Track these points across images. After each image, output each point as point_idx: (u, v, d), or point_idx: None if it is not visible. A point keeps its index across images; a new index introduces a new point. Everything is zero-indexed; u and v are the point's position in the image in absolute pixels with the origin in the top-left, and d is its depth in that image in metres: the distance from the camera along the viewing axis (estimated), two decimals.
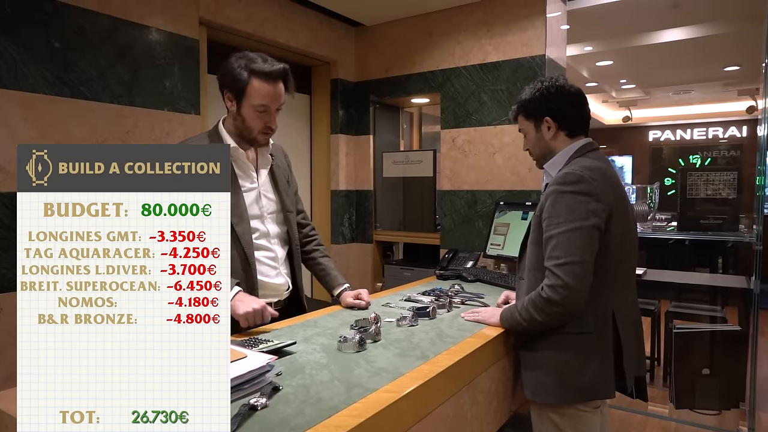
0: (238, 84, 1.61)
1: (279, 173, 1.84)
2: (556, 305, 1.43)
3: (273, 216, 1.80)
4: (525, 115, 1.68)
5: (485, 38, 3.27)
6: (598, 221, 1.45)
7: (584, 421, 1.53)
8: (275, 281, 1.78)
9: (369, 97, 3.87)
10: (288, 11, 3.28)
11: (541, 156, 1.69)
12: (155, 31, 2.51)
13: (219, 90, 1.68)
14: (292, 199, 1.89)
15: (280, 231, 1.82)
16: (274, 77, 1.62)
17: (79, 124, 2.22)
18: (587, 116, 1.67)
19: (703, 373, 2.89)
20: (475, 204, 3.34)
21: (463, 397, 1.41)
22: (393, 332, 1.61)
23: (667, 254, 4.96)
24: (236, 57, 1.64)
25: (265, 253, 1.75)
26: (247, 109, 1.63)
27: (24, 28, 2.05)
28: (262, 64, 1.61)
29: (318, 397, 1.10)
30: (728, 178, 2.91)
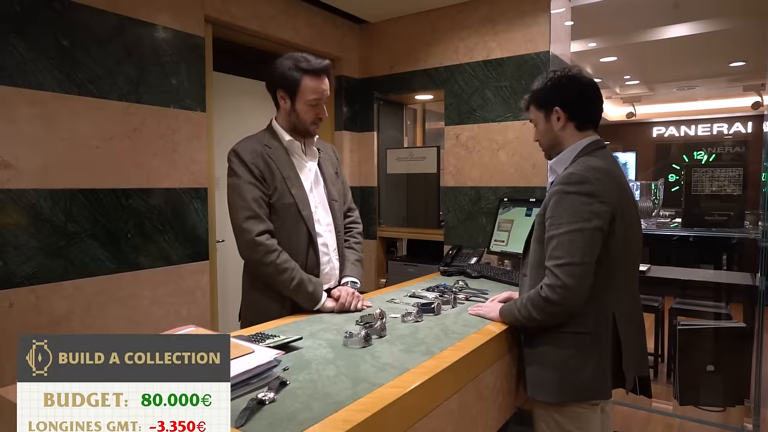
0: (291, 83, 1.77)
1: (326, 165, 1.99)
2: (554, 305, 1.44)
3: (323, 204, 1.92)
4: (536, 104, 1.66)
5: (489, 35, 3.27)
6: (601, 223, 1.44)
7: (585, 418, 1.53)
8: (325, 267, 1.90)
9: (373, 93, 3.87)
10: (293, 9, 3.29)
11: (549, 147, 1.67)
12: (162, 29, 2.52)
13: (268, 91, 1.85)
14: (339, 189, 2.02)
15: (330, 219, 1.94)
16: (321, 72, 1.80)
17: (86, 121, 2.24)
18: (598, 110, 1.64)
19: (707, 369, 2.89)
20: (479, 200, 3.34)
21: (469, 393, 1.42)
22: (398, 328, 1.63)
23: (672, 251, 4.96)
24: (283, 59, 1.80)
25: (318, 239, 1.88)
26: (301, 104, 1.79)
27: (33, 27, 2.06)
28: (309, 62, 1.78)
29: (325, 391, 1.12)
30: (733, 174, 2.90)
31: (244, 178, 1.76)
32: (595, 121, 1.64)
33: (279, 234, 1.79)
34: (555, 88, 1.61)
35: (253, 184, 1.76)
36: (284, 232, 1.80)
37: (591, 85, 1.61)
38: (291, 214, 1.81)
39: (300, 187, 1.84)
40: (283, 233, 1.80)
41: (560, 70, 1.63)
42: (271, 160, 1.80)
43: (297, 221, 1.82)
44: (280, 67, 1.79)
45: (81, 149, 2.23)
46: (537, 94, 1.65)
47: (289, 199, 1.81)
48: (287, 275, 1.74)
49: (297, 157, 1.89)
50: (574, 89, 1.60)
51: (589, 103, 1.62)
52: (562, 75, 1.61)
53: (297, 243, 1.82)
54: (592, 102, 1.62)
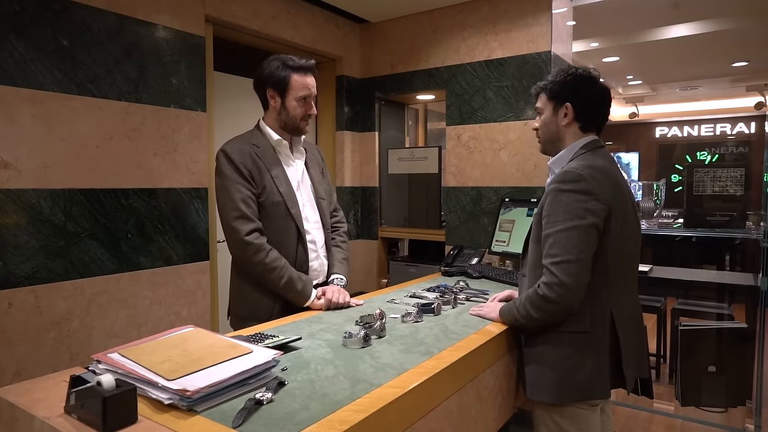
0: (280, 80, 1.83)
1: (312, 165, 2.03)
2: (552, 303, 1.44)
3: (310, 202, 1.96)
4: (549, 94, 1.65)
5: (490, 35, 3.27)
6: (597, 220, 1.44)
7: (584, 419, 1.53)
8: (314, 263, 1.94)
9: (374, 93, 3.87)
10: (294, 8, 3.28)
11: (548, 140, 1.68)
12: (162, 29, 2.52)
13: (256, 92, 1.91)
14: (325, 188, 2.07)
15: (317, 217, 1.98)
16: (308, 70, 1.86)
17: (86, 121, 2.24)
18: (605, 117, 1.65)
19: (709, 370, 2.88)
20: (480, 200, 3.34)
21: (468, 393, 1.41)
22: (398, 328, 1.62)
23: (674, 251, 4.94)
24: (270, 60, 1.86)
25: (307, 236, 1.91)
26: (291, 100, 1.85)
27: (32, 26, 2.06)
28: (295, 61, 1.84)
29: (323, 392, 1.11)
30: (736, 174, 2.89)
31: (231, 178, 1.79)
32: (599, 126, 1.65)
33: (268, 231, 1.82)
34: (571, 84, 1.61)
35: (242, 183, 1.79)
36: (273, 230, 1.84)
37: (606, 91, 1.63)
38: (280, 212, 1.84)
39: (288, 186, 1.88)
40: (273, 231, 1.83)
41: (582, 69, 1.63)
42: (259, 159, 1.84)
43: (286, 219, 1.85)
44: (267, 67, 1.85)
45: (81, 149, 2.23)
46: (553, 85, 1.65)
47: (278, 198, 1.84)
48: (276, 274, 1.77)
49: (284, 156, 1.93)
50: (589, 90, 1.61)
51: (599, 107, 1.63)
52: (582, 74, 1.61)
53: (286, 240, 1.86)
54: (602, 106, 1.64)
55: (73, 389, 0.99)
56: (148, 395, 1.04)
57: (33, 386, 1.13)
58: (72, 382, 1.00)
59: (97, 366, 1.11)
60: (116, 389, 0.94)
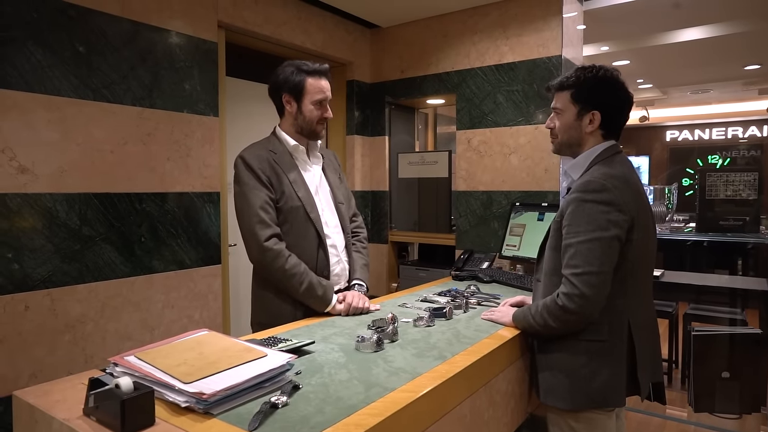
0: (296, 85, 1.85)
1: (329, 170, 2.05)
2: (571, 313, 1.43)
3: (329, 207, 1.97)
4: (575, 96, 1.57)
5: (501, 39, 3.27)
6: (619, 232, 1.43)
7: (600, 425, 1.52)
8: (335, 268, 1.95)
9: (384, 98, 3.88)
10: (304, 13, 3.31)
11: (566, 144, 1.63)
12: (175, 35, 2.55)
13: (271, 98, 1.93)
14: (343, 193, 2.09)
15: (337, 221, 2.00)
16: (323, 73, 1.90)
17: (101, 126, 2.26)
18: (625, 122, 1.62)
19: (722, 376, 2.85)
20: (491, 205, 3.33)
21: (481, 398, 1.41)
22: (410, 332, 1.62)
23: (686, 256, 4.89)
24: (284, 66, 1.88)
25: (327, 240, 1.92)
26: (306, 104, 1.86)
27: (49, 33, 2.09)
28: (309, 66, 1.88)
29: (337, 395, 1.12)
30: (748, 178, 2.87)
31: (250, 184, 1.79)
32: (620, 133, 1.63)
33: (288, 237, 1.82)
34: (606, 91, 1.55)
35: (260, 189, 1.79)
36: (293, 235, 1.83)
37: (630, 96, 1.59)
38: (299, 217, 1.84)
39: (306, 190, 1.88)
40: (292, 236, 1.83)
41: (606, 70, 1.56)
42: (277, 165, 1.84)
43: (305, 223, 1.85)
44: (282, 73, 1.87)
45: (96, 154, 2.26)
46: (583, 86, 1.56)
47: (297, 202, 1.84)
48: (296, 279, 1.76)
49: (301, 161, 1.95)
50: (617, 98, 1.56)
51: (623, 115, 1.60)
52: (610, 79, 1.56)
53: (306, 245, 1.85)
54: (626, 116, 1.61)
55: (91, 391, 1.00)
56: (165, 398, 1.05)
57: (51, 388, 1.15)
58: (90, 385, 1.01)
59: (114, 369, 1.13)
60: (134, 392, 0.96)
